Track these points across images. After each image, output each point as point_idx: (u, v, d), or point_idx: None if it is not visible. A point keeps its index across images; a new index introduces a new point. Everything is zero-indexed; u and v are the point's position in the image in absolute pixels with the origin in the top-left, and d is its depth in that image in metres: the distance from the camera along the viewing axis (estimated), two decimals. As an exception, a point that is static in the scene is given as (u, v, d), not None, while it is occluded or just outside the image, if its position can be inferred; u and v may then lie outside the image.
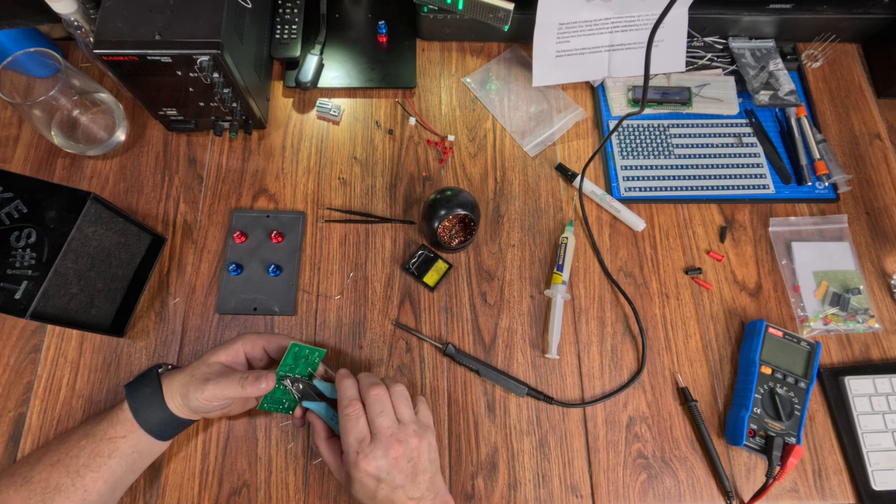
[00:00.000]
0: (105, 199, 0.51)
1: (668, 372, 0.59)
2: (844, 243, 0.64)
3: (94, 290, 0.53)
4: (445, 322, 0.60)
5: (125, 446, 0.47)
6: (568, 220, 0.65)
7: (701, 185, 0.67)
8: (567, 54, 0.69)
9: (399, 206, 0.65)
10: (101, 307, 0.55)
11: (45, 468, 0.46)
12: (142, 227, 0.57)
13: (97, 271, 0.52)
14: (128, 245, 0.56)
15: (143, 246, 0.58)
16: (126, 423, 0.47)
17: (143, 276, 0.59)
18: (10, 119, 0.67)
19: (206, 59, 0.52)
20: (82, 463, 0.46)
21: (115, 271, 0.55)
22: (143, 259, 0.59)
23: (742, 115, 0.70)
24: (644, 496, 0.54)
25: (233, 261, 0.60)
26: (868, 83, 0.74)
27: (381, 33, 0.71)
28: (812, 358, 0.57)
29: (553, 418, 0.57)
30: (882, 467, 0.55)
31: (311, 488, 0.54)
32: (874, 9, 0.70)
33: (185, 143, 0.67)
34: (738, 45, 0.72)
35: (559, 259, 0.61)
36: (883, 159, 0.69)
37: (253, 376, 0.47)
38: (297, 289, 0.60)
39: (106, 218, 0.52)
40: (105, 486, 0.46)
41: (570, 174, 0.66)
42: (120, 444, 0.47)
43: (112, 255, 0.54)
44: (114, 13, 0.51)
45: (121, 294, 0.57)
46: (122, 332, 0.57)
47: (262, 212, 0.63)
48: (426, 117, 0.69)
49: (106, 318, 0.56)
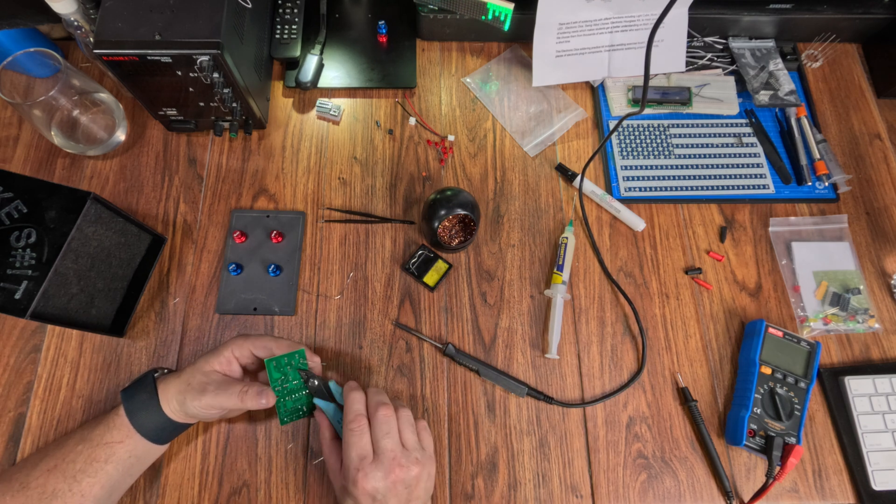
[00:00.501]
0: (105, 199, 0.51)
1: (668, 372, 0.59)
2: (844, 243, 0.64)
3: (94, 290, 0.53)
4: (445, 322, 0.60)
5: (122, 451, 0.47)
6: (568, 220, 0.65)
7: (701, 185, 0.67)
8: (567, 54, 0.69)
9: (399, 206, 0.65)
10: (102, 307, 0.55)
11: (41, 474, 0.45)
12: (142, 227, 0.57)
13: (97, 271, 0.52)
14: (128, 245, 0.56)
15: (143, 246, 0.59)
16: (123, 429, 0.47)
17: (144, 275, 0.59)
18: (10, 119, 0.67)
19: (206, 59, 0.52)
20: (79, 468, 0.46)
21: (115, 271, 0.55)
22: (143, 259, 0.59)
23: (742, 115, 0.70)
24: (644, 496, 0.54)
25: (233, 261, 0.60)
26: (868, 83, 0.74)
27: (381, 33, 0.71)
28: (812, 358, 0.57)
29: (553, 418, 0.57)
30: (882, 467, 0.55)
31: (310, 488, 0.54)
32: (874, 9, 0.70)
33: (185, 143, 0.67)
34: (738, 45, 0.72)
35: (559, 259, 0.61)
36: (883, 159, 0.69)
37: (254, 391, 0.47)
38: (297, 289, 0.60)
39: (106, 218, 0.52)
40: (102, 492, 0.46)
41: (570, 174, 0.66)
42: (117, 448, 0.47)
43: (112, 255, 0.54)
44: (114, 13, 0.51)
45: (121, 294, 0.57)
46: (122, 332, 0.57)
47: (262, 212, 0.63)
48: (426, 117, 0.69)
49: (106, 318, 0.56)
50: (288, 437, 0.55)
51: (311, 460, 0.54)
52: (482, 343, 0.59)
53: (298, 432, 0.55)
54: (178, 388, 0.48)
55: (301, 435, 0.55)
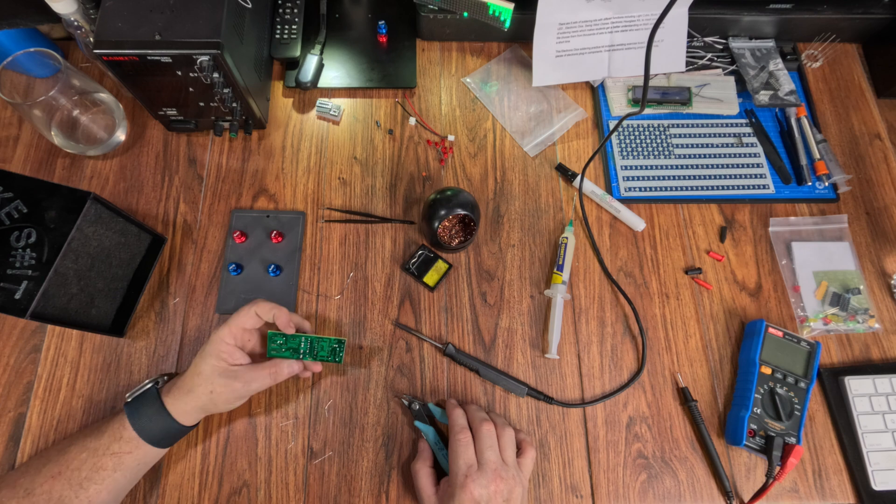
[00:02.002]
0: (105, 199, 0.51)
1: (668, 372, 0.59)
2: (844, 243, 0.64)
3: (94, 290, 0.53)
4: (445, 322, 0.60)
5: (130, 460, 0.48)
6: (568, 219, 0.65)
7: (701, 185, 0.67)
8: (567, 54, 0.69)
9: (399, 206, 0.65)
10: (102, 307, 0.55)
11: (45, 480, 0.46)
12: (142, 227, 0.57)
13: (97, 271, 0.52)
14: (128, 245, 0.56)
15: (143, 246, 0.59)
16: (132, 441, 0.47)
17: (144, 275, 0.59)
18: (10, 119, 0.67)
19: (206, 59, 0.52)
20: (85, 476, 0.46)
21: (115, 271, 0.55)
22: (143, 259, 0.59)
23: (742, 115, 0.70)
24: (644, 496, 0.54)
25: (233, 261, 0.60)
26: (868, 83, 0.74)
27: (381, 33, 0.71)
28: (812, 358, 0.57)
29: (553, 418, 0.57)
30: (882, 467, 0.55)
31: (310, 488, 0.54)
32: (874, 9, 0.70)
33: (185, 143, 0.67)
34: (738, 45, 0.72)
35: (559, 259, 0.61)
36: (883, 159, 0.69)
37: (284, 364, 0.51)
38: (297, 288, 0.60)
39: (106, 218, 0.52)
40: (109, 496, 0.47)
41: (570, 174, 0.66)
42: (125, 458, 0.47)
43: (112, 255, 0.54)
44: (114, 13, 0.51)
45: (121, 294, 0.57)
46: (122, 332, 0.57)
47: (262, 212, 0.63)
48: (426, 117, 0.69)
49: (106, 318, 0.56)
50: (288, 437, 0.55)
51: (311, 460, 0.54)
52: (482, 343, 0.59)
53: (299, 432, 0.55)
54: (201, 400, 0.49)
55: (301, 435, 0.55)
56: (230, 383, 0.48)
